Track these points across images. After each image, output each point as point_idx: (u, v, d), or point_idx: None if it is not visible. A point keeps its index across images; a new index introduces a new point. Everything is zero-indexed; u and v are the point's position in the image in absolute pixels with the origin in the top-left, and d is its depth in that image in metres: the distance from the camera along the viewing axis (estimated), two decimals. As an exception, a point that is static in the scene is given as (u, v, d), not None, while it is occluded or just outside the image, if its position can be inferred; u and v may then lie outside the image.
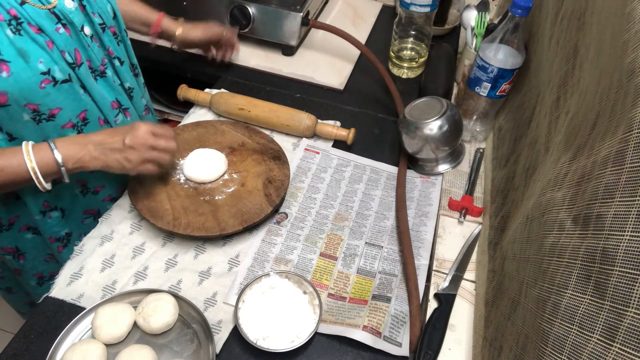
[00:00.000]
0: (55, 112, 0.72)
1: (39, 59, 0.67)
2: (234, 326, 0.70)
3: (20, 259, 0.87)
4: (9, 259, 0.86)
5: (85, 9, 0.75)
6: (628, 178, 0.40)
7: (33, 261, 0.88)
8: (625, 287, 0.37)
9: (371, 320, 0.70)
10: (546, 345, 0.45)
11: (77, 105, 0.75)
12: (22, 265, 0.88)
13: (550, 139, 0.64)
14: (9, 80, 0.64)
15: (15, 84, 0.65)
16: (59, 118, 0.73)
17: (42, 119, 0.71)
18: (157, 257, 0.78)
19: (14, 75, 0.65)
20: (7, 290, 0.99)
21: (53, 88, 0.70)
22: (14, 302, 1.04)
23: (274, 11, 1.10)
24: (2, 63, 0.63)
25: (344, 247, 0.82)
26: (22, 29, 0.65)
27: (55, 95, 0.71)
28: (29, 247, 0.86)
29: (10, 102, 0.67)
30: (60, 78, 0.71)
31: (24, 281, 0.92)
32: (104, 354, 0.64)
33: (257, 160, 0.89)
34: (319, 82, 1.11)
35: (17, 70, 0.65)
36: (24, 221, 0.83)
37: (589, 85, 0.55)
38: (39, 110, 0.70)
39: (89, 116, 0.78)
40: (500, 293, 0.64)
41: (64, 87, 0.72)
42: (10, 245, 0.84)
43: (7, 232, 0.82)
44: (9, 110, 0.67)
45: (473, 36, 1.03)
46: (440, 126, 0.86)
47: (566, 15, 0.69)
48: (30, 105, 0.69)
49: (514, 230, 0.65)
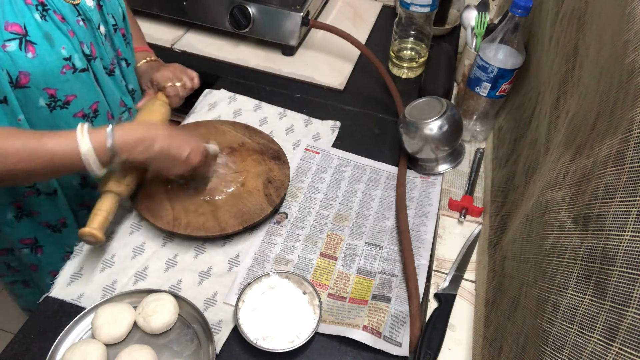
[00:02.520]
0: (70, 99, 0.74)
1: (62, 44, 0.68)
2: (234, 326, 0.70)
3: (38, 251, 0.87)
4: (26, 252, 0.86)
5: (102, 9, 0.77)
6: (628, 178, 0.40)
7: (50, 257, 0.88)
8: (626, 287, 0.37)
9: (371, 320, 0.70)
10: (546, 345, 0.45)
11: (91, 96, 0.77)
12: (39, 260, 0.88)
13: (550, 139, 0.64)
14: (34, 61, 0.66)
15: (39, 66, 0.67)
16: (72, 106, 0.74)
17: (56, 106, 0.72)
18: (157, 257, 0.78)
19: (38, 57, 0.66)
20: (24, 284, 0.98)
21: (72, 75, 0.72)
22: (27, 298, 1.02)
23: (274, 11, 1.10)
24: (29, 44, 0.65)
25: (344, 247, 0.82)
26: (48, 15, 0.67)
27: (73, 82, 0.72)
28: (48, 241, 0.87)
29: (30, 84, 0.68)
30: (80, 66, 0.72)
31: (39, 278, 0.92)
32: (104, 354, 0.64)
33: (257, 160, 0.88)
34: (319, 82, 1.11)
35: (42, 52, 0.66)
36: (44, 217, 0.83)
37: (589, 85, 0.55)
38: (55, 95, 0.71)
39: (99, 108, 0.80)
40: (500, 293, 0.64)
41: (82, 76, 0.73)
42: (29, 236, 0.84)
43: (28, 219, 0.82)
44: (27, 92, 0.68)
45: (473, 36, 1.03)
46: (440, 126, 0.86)
47: (566, 15, 0.69)
48: (49, 90, 0.70)
49: (514, 230, 0.65)
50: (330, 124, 1.02)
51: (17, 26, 0.64)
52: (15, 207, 0.80)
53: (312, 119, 1.02)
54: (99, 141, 0.64)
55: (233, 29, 1.14)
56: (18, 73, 0.66)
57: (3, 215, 0.79)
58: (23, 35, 0.64)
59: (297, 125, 1.01)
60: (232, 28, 1.14)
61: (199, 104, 1.05)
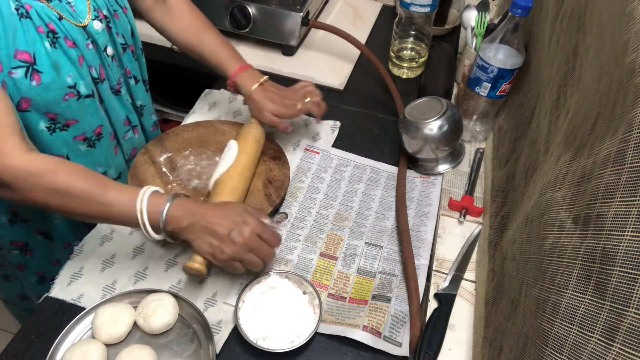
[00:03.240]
0: (70, 123, 0.74)
1: (69, 72, 0.69)
2: (234, 326, 0.70)
3: (27, 254, 0.87)
4: (16, 253, 0.86)
5: (111, 30, 0.77)
6: (628, 178, 0.40)
7: (38, 260, 0.89)
8: (626, 287, 0.37)
9: (371, 320, 0.70)
10: (546, 345, 0.45)
11: (94, 121, 0.77)
12: (26, 261, 0.88)
13: (550, 139, 0.64)
14: (37, 89, 0.66)
15: (41, 93, 0.67)
16: (72, 129, 0.75)
17: (56, 128, 0.72)
18: (157, 257, 0.78)
19: (42, 85, 0.66)
20: (5, 278, 0.98)
21: (76, 102, 0.72)
22: (5, 291, 1.02)
23: (274, 11, 1.10)
24: (35, 73, 0.65)
25: (344, 247, 0.82)
26: (58, 42, 0.67)
27: (76, 108, 0.72)
28: (38, 247, 0.87)
29: (30, 108, 0.68)
30: (85, 93, 0.72)
31: (24, 277, 0.92)
32: (104, 354, 0.64)
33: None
34: (319, 82, 1.11)
35: (47, 81, 0.66)
36: (37, 225, 0.83)
37: (589, 85, 0.55)
38: (56, 119, 0.72)
39: (103, 131, 0.80)
40: (500, 293, 0.64)
41: (85, 102, 0.73)
42: (20, 239, 0.84)
43: (22, 225, 0.82)
44: (28, 116, 0.69)
45: (473, 36, 1.03)
46: (440, 126, 0.85)
47: (566, 15, 0.69)
48: (49, 114, 0.70)
49: (514, 230, 0.65)
50: (330, 124, 1.02)
51: (27, 54, 0.64)
52: (11, 212, 0.80)
53: (312, 119, 1.02)
54: (154, 210, 0.63)
55: (233, 29, 1.14)
56: (20, 98, 0.66)
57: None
58: (31, 64, 0.64)
59: (297, 125, 1.01)
60: (232, 28, 1.14)
61: (198, 104, 1.05)
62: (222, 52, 0.86)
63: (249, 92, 0.85)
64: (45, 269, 0.91)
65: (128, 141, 0.89)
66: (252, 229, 0.65)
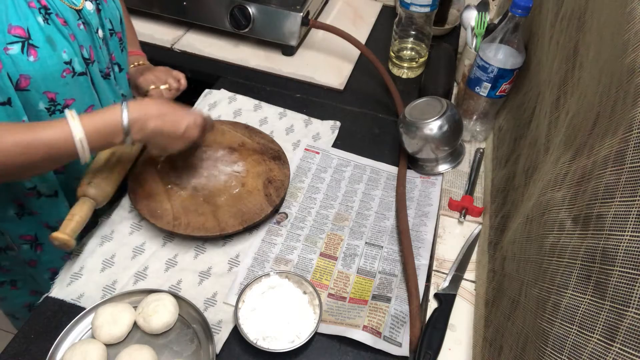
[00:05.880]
0: (69, 103, 0.74)
1: (64, 48, 0.69)
2: (234, 326, 0.70)
3: (38, 249, 0.87)
4: (26, 248, 0.86)
5: (100, 13, 0.77)
6: (628, 178, 0.40)
7: (50, 254, 0.88)
8: (626, 287, 0.37)
9: (371, 320, 0.70)
10: (546, 345, 0.45)
11: (87, 99, 0.77)
12: (38, 257, 0.88)
13: (550, 139, 0.64)
14: (35, 64, 0.66)
15: (40, 69, 0.67)
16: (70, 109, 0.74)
17: (56, 110, 0.72)
18: (157, 257, 0.78)
19: (40, 60, 0.66)
20: (12, 284, 0.98)
21: (72, 79, 0.72)
22: (13, 301, 1.03)
23: (274, 11, 1.10)
24: (31, 47, 0.65)
25: (344, 247, 0.82)
26: (51, 18, 0.67)
27: (72, 85, 0.72)
28: (47, 240, 0.86)
29: (30, 87, 0.68)
30: (79, 70, 0.72)
31: (37, 274, 0.92)
32: (104, 354, 0.64)
33: (257, 160, 0.88)
34: (319, 82, 1.11)
35: (43, 56, 0.66)
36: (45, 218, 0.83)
37: (589, 85, 0.55)
38: (55, 99, 0.71)
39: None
40: (500, 293, 0.64)
41: (80, 80, 0.73)
42: (29, 233, 0.84)
43: (29, 217, 0.82)
44: (27, 96, 0.68)
45: (473, 36, 1.03)
46: (440, 126, 0.86)
47: (566, 15, 0.69)
48: (49, 94, 0.70)
49: (514, 230, 0.65)
50: (330, 124, 1.02)
51: (21, 29, 0.64)
52: (17, 205, 0.80)
53: (312, 119, 1.02)
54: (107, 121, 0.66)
55: (233, 29, 1.14)
56: (19, 76, 0.65)
57: (4, 211, 0.79)
58: (26, 39, 0.64)
59: (297, 125, 1.01)
60: (232, 28, 1.14)
61: (199, 104, 1.05)
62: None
63: None
64: (58, 264, 0.91)
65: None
66: (200, 124, 0.75)
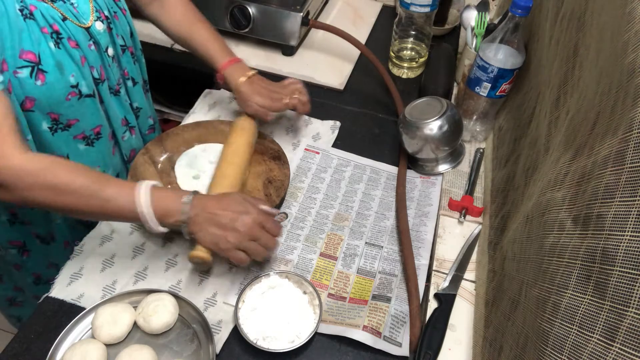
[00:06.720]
0: (72, 123, 0.74)
1: (72, 72, 0.69)
2: (234, 326, 0.70)
3: (24, 254, 0.87)
4: (13, 252, 0.86)
5: (112, 31, 0.77)
6: (628, 178, 0.40)
7: (35, 261, 0.89)
8: (626, 287, 0.37)
9: (371, 320, 0.70)
10: (546, 345, 0.45)
11: (94, 120, 0.77)
12: (23, 262, 0.88)
13: (550, 139, 0.64)
14: (42, 88, 0.67)
15: (46, 93, 0.67)
16: (73, 129, 0.75)
17: (58, 129, 0.73)
18: (157, 257, 0.78)
19: (47, 84, 0.67)
20: None
21: (77, 101, 0.72)
22: None
23: (274, 11, 1.10)
24: (40, 72, 0.66)
25: (344, 247, 0.82)
26: (62, 43, 0.67)
27: (77, 107, 0.73)
28: (35, 249, 0.87)
29: (35, 108, 0.68)
30: (86, 92, 0.73)
31: (20, 277, 0.92)
32: (104, 354, 0.64)
33: (257, 160, 0.88)
34: (319, 82, 1.11)
35: (51, 80, 0.67)
36: (36, 229, 0.83)
37: (589, 85, 0.55)
38: (58, 119, 0.72)
39: (102, 131, 0.80)
40: (500, 293, 0.64)
41: (86, 101, 0.74)
42: (19, 239, 0.84)
43: (21, 226, 0.82)
44: (31, 116, 0.69)
45: (473, 36, 1.03)
46: (440, 126, 0.85)
47: (566, 15, 0.69)
48: (52, 114, 0.71)
49: (514, 230, 0.65)
50: (330, 124, 1.02)
51: (32, 54, 0.64)
52: (10, 213, 0.80)
53: (312, 119, 1.02)
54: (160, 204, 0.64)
55: (233, 29, 1.14)
56: (24, 98, 0.66)
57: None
58: (36, 64, 0.65)
59: (297, 125, 1.01)
60: (232, 28, 1.14)
61: (199, 104, 1.04)
62: (212, 45, 0.88)
63: (237, 85, 0.85)
64: (42, 271, 0.91)
65: (126, 142, 0.89)
66: (254, 218, 0.66)
